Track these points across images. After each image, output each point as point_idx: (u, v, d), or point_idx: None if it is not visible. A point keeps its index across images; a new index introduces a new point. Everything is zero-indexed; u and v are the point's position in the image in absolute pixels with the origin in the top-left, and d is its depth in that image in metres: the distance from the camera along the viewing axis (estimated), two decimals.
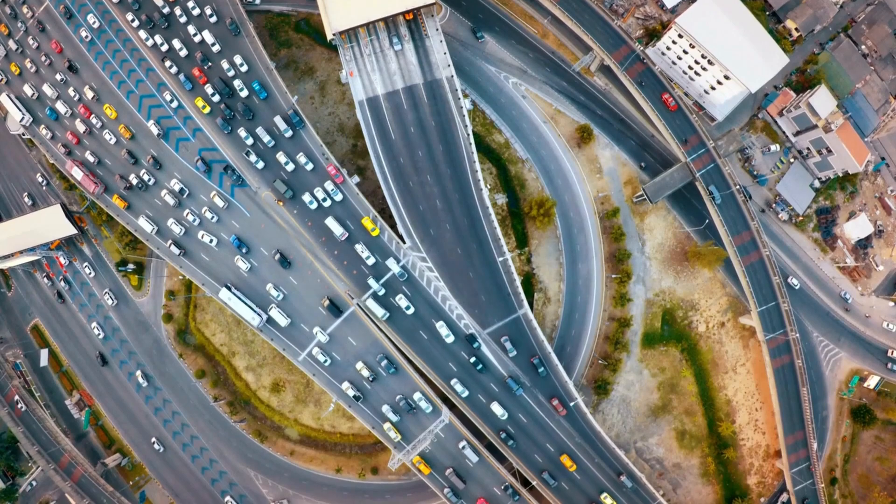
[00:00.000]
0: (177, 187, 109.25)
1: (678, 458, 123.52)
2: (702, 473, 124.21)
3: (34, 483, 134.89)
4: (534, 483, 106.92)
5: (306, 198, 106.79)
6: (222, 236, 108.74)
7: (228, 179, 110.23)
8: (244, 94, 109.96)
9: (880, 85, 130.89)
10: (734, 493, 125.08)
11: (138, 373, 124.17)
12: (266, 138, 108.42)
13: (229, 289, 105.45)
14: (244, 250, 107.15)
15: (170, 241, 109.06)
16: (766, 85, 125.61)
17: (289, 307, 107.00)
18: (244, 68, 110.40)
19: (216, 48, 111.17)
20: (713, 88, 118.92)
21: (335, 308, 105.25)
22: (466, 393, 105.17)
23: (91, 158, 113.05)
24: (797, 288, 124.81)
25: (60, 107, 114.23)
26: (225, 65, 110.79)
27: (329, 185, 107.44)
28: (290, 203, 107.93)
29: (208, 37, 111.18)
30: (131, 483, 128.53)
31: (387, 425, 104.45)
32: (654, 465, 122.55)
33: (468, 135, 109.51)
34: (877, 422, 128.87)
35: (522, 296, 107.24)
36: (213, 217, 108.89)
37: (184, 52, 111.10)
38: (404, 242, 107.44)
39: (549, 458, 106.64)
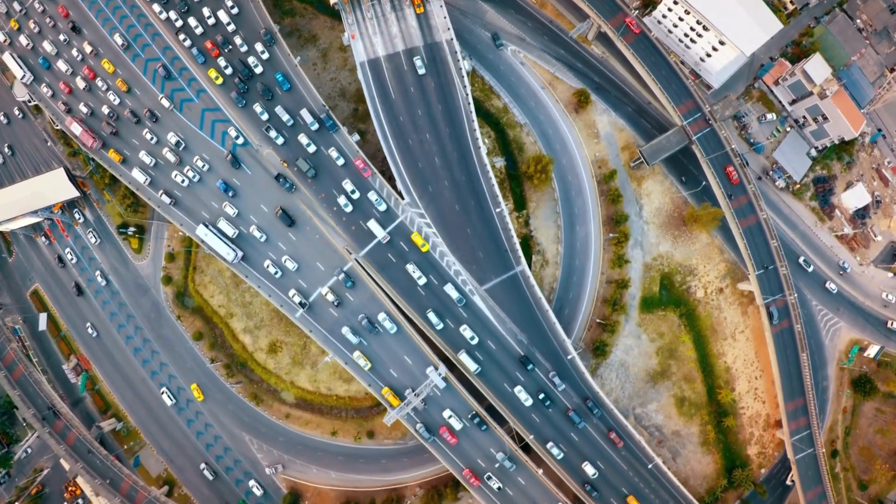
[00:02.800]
0: (173, 140, 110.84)
1: (677, 426, 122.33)
2: (701, 442, 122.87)
3: (29, 450, 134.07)
4: (528, 440, 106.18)
5: (342, 200, 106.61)
6: (226, 196, 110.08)
7: (231, 139, 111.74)
8: (260, 70, 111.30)
9: (875, 58, 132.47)
10: (734, 463, 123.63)
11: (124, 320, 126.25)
12: (285, 117, 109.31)
13: (206, 226, 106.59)
14: (230, 194, 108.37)
15: (161, 192, 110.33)
16: (762, 55, 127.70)
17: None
18: (265, 56, 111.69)
19: (231, 27, 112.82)
20: (709, 56, 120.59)
21: (287, 217, 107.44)
22: (562, 455, 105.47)
23: (84, 109, 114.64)
24: (811, 271, 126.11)
25: (61, 64, 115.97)
26: (238, 40, 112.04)
27: (373, 196, 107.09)
28: (312, 183, 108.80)
29: (224, 17, 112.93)
30: (126, 448, 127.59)
31: (356, 354, 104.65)
32: (653, 432, 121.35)
33: (467, 95, 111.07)
34: (877, 393, 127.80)
35: (520, 252, 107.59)
36: (204, 166, 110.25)
37: (199, 30, 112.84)
38: (403, 199, 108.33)
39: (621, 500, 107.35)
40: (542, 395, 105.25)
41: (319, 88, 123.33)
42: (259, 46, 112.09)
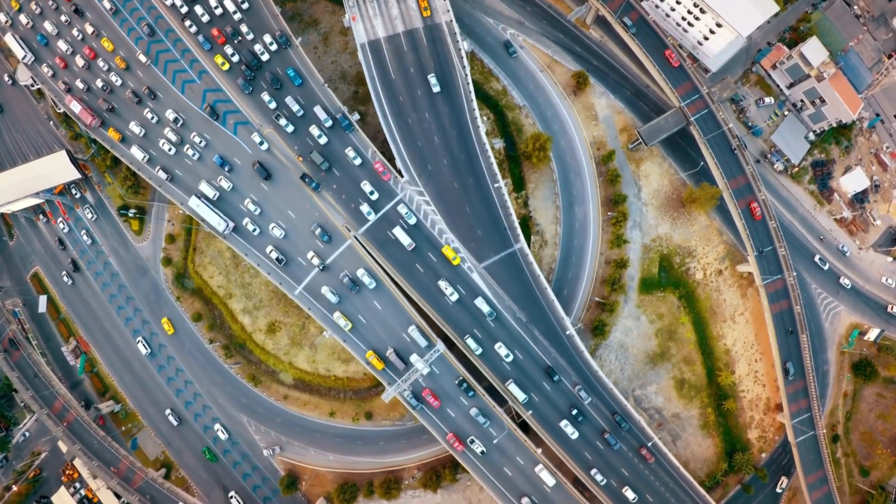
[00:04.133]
0: (171, 116, 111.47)
1: (677, 408, 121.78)
2: (701, 425, 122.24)
3: (27, 434, 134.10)
4: (525, 417, 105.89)
5: (364, 208, 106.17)
6: (232, 178, 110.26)
7: (232, 118, 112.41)
8: (266, 58, 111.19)
9: (873, 44, 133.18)
10: (735, 447, 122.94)
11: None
12: (295, 107, 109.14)
13: (198, 197, 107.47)
14: (227, 169, 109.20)
15: (158, 168, 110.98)
16: (760, 40, 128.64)
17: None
18: (273, 48, 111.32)
19: (237, 15, 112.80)
20: (706, 39, 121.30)
21: (263, 170, 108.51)
22: (605, 481, 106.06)
23: (80, 85, 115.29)
24: (826, 269, 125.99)
25: (62, 44, 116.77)
26: (245, 28, 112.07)
27: (403, 209, 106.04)
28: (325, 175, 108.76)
29: (230, 5, 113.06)
30: (123, 429, 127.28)
31: (336, 314, 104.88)
32: (652, 414, 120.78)
33: (466, 75, 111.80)
34: (878, 378, 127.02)
35: (518, 230, 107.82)
36: (201, 141, 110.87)
37: (206, 18, 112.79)
38: (402, 176, 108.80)
39: None
40: (574, 412, 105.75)
41: (321, 71, 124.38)
42: (268, 38, 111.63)
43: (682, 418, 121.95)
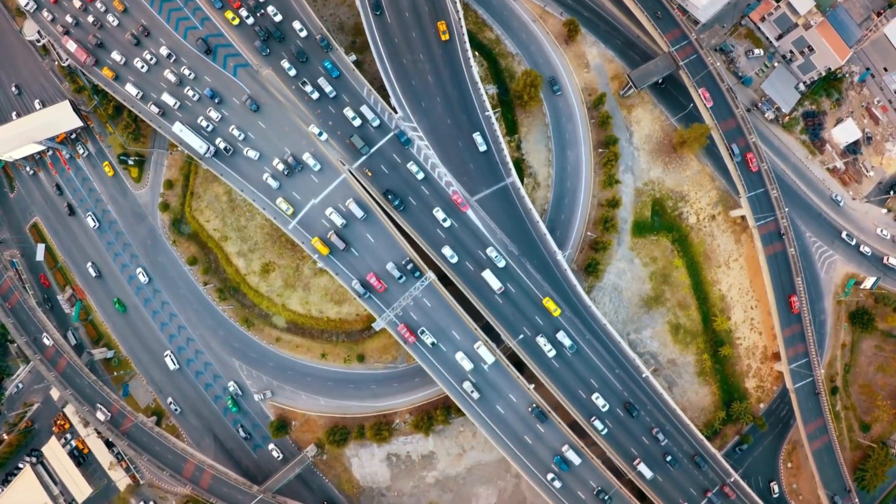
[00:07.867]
0: (164, 52, 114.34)
1: (673, 354, 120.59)
2: (698, 372, 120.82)
3: (20, 385, 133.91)
4: (510, 342, 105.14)
5: (446, 251, 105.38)
6: (224, 114, 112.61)
7: (232, 61, 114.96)
8: (278, 18, 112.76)
9: (862, 1, 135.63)
10: (732, 396, 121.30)
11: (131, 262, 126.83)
12: (328, 88, 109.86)
13: (182, 122, 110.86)
14: (217, 101, 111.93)
15: (150, 103, 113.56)
16: None
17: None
18: (303, 33, 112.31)
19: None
20: None
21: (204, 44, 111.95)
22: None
23: (69, 20, 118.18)
24: (853, 244, 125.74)
25: None
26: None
27: (492, 252, 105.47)
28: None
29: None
30: (115, 375, 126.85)
31: (279, 199, 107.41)
32: (648, 359, 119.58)
33: (460, 18, 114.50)
34: (876, 329, 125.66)
35: (511, 165, 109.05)
36: (191, 74, 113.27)
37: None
38: (396, 113, 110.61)
39: None
40: (669, 458, 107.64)
41: (323, 20, 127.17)
42: (297, 25, 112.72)
43: (679, 364, 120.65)
